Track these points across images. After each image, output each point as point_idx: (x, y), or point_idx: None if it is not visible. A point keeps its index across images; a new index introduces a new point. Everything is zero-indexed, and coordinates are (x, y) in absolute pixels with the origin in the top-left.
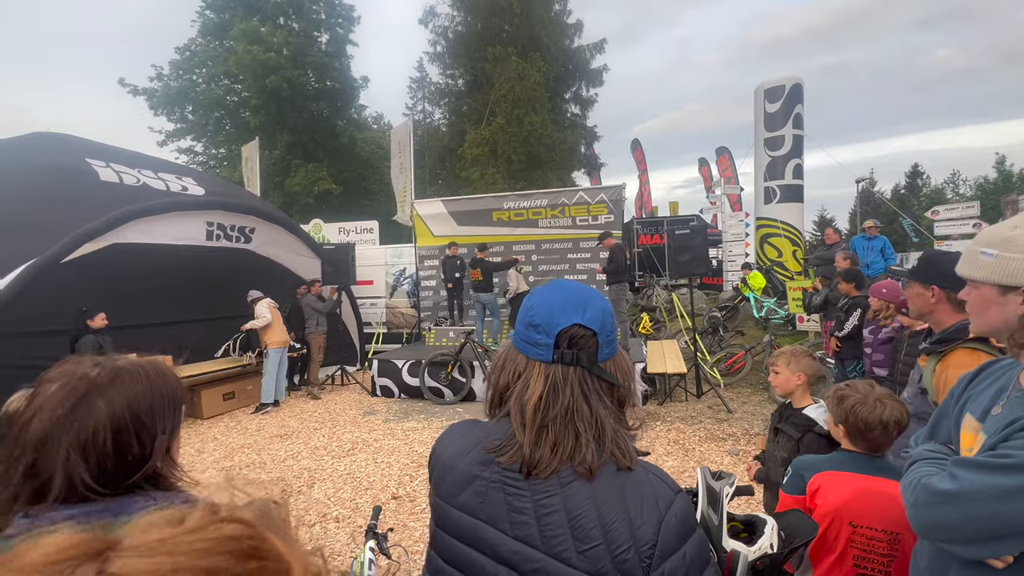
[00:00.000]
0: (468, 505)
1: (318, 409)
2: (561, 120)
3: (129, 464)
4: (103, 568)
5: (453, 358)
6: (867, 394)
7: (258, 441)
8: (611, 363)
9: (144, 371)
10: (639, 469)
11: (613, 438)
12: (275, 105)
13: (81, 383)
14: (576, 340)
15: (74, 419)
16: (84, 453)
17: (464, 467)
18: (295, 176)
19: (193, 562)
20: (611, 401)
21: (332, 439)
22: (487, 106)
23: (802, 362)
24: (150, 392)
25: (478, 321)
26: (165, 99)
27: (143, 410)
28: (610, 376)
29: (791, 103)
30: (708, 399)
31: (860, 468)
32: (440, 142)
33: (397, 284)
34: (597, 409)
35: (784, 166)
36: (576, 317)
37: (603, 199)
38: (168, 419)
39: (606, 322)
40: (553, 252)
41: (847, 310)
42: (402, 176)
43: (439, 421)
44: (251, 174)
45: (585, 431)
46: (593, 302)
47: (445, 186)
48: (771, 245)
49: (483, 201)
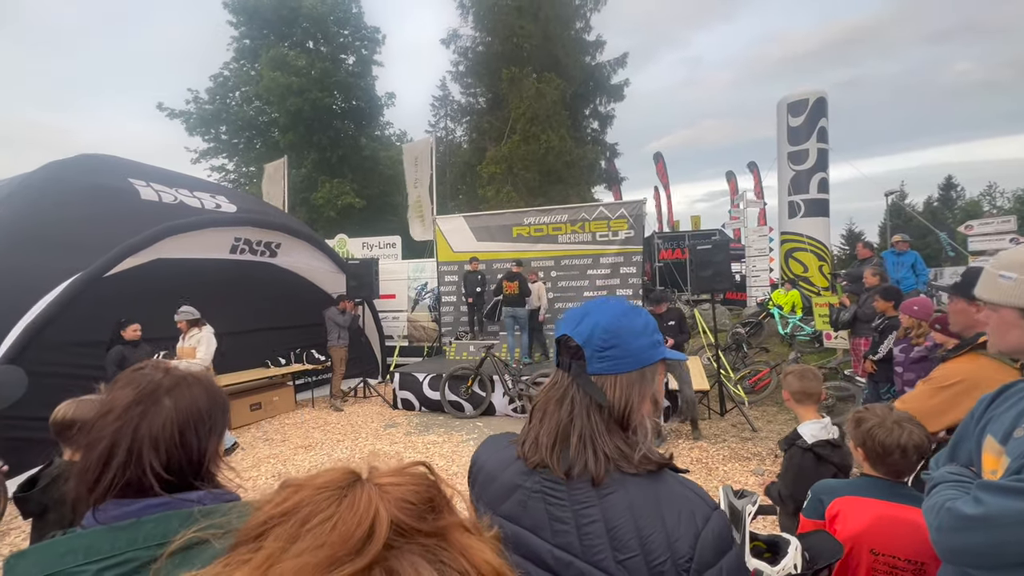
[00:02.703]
0: (512, 514)
1: (341, 421)
2: (581, 136)
3: (191, 460)
4: (375, 481)
5: (473, 372)
6: (885, 417)
7: (283, 452)
8: (610, 380)
9: (198, 379)
10: (676, 484)
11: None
12: (303, 125)
13: (150, 385)
14: (569, 349)
15: (145, 415)
16: (155, 445)
17: (507, 478)
18: (320, 191)
19: (418, 481)
20: (599, 414)
21: (355, 451)
22: (507, 124)
23: (787, 380)
24: (206, 396)
25: (508, 335)
26: (200, 120)
27: (204, 410)
28: (594, 389)
29: (815, 117)
30: (732, 417)
31: (881, 494)
32: (461, 159)
33: (419, 298)
34: (581, 411)
35: (809, 180)
36: (567, 328)
37: (623, 214)
38: (220, 421)
39: (595, 336)
40: (572, 268)
41: (883, 331)
42: (416, 191)
43: (459, 435)
44: (273, 189)
45: (550, 431)
46: (590, 317)
47: (466, 202)
48: (796, 260)
49: (503, 217)
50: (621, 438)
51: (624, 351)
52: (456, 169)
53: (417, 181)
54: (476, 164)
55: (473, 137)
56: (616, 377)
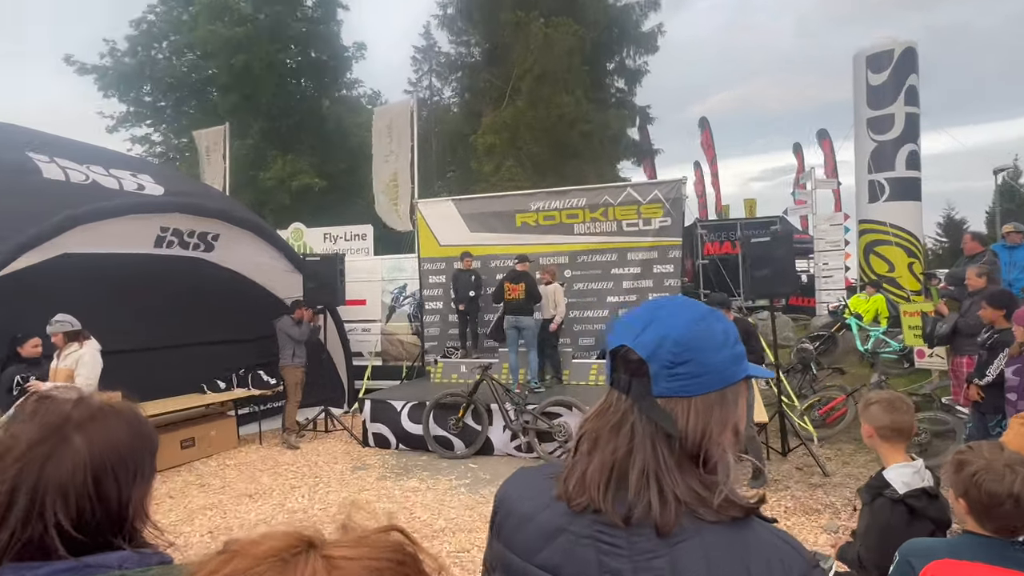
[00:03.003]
0: (551, 563)
1: (296, 462)
2: (603, 98)
3: (110, 513)
4: (325, 553)
5: (465, 399)
6: (993, 459)
7: (223, 501)
8: (681, 403)
9: (119, 410)
10: (765, 532)
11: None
12: (248, 83)
13: (56, 418)
14: (628, 364)
15: (50, 456)
16: (63, 494)
17: (546, 519)
18: (270, 168)
19: (384, 554)
20: (668, 446)
21: (314, 500)
22: (509, 82)
23: (869, 411)
24: (129, 432)
25: (511, 352)
26: (118, 78)
27: (126, 450)
28: (661, 415)
29: (902, 73)
30: (797, 457)
31: (988, 556)
32: (450, 126)
33: (396, 305)
34: (643, 442)
35: (895, 154)
36: (627, 339)
37: (658, 197)
38: (147, 464)
39: (664, 349)
40: (592, 266)
41: (991, 347)
42: (391, 167)
43: (447, 480)
44: (211, 166)
45: (602, 464)
46: (657, 324)
47: (456, 182)
48: (879, 256)
49: (504, 201)
50: (696, 477)
51: (701, 367)
52: (444, 140)
53: (393, 155)
54: (469, 133)
55: (466, 99)
56: (690, 400)
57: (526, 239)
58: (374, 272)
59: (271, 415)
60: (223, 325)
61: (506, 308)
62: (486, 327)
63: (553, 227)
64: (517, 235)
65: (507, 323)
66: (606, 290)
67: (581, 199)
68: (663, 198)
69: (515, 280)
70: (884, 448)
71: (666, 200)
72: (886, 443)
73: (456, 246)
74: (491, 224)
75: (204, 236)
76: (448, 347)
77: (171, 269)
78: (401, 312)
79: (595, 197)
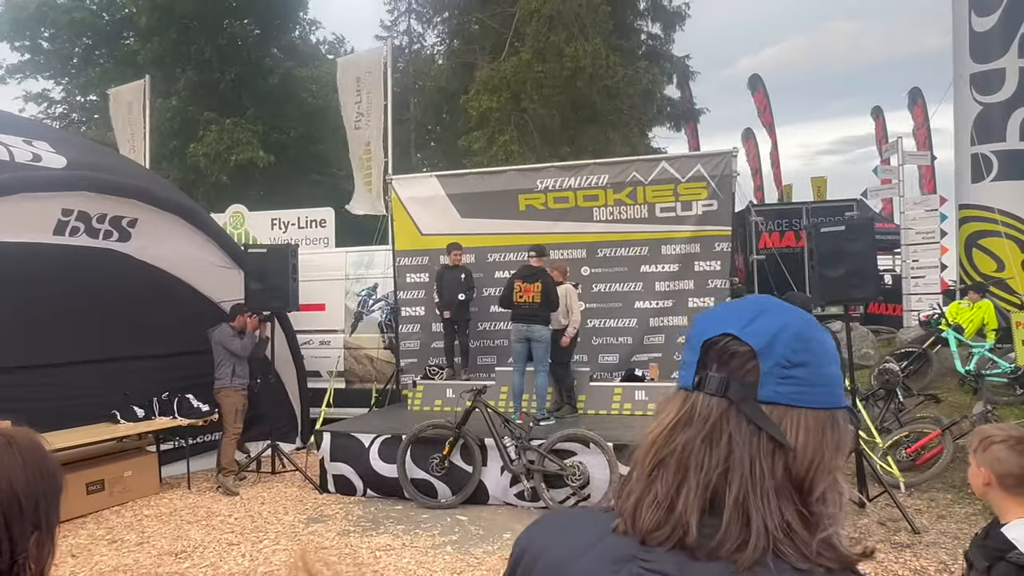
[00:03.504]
0: None
1: (235, 511)
2: (631, 47)
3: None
4: None
5: (452, 433)
6: None
7: (140, 561)
8: (788, 413)
9: (14, 440)
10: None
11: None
12: (175, 28)
13: None
14: (727, 359)
15: None
16: None
17: (587, 566)
18: (204, 138)
19: None
20: (771, 465)
21: (257, 561)
22: (510, 26)
23: (991, 452)
24: (25, 469)
25: (515, 371)
26: (9, 21)
27: (22, 492)
28: (769, 424)
29: (1015, 16)
30: (879, 509)
31: None
32: (436, 83)
33: (363, 311)
34: (742, 458)
35: (1005, 120)
36: (731, 326)
37: (700, 174)
38: (48, 512)
39: (780, 342)
40: (617, 262)
41: None
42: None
43: (428, 536)
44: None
45: (697, 487)
46: (770, 314)
47: (442, 152)
48: (984, 251)
49: (504, 178)
50: (795, 508)
51: (816, 376)
52: (427, 99)
53: (362, 118)
54: (460, 93)
55: (455, 48)
56: (801, 412)
57: (532, 227)
58: (336, 269)
59: (203, 451)
60: (141, 336)
61: (515, 314)
62: (479, 339)
63: (567, 212)
64: (520, 222)
65: (515, 333)
66: (634, 293)
67: (603, 176)
68: (707, 175)
69: (529, 279)
70: (1006, 501)
71: (711, 178)
72: (1008, 494)
73: (441, 236)
74: (487, 208)
75: (118, 222)
76: (430, 365)
77: (75, 264)
78: (370, 320)
79: (620, 173)
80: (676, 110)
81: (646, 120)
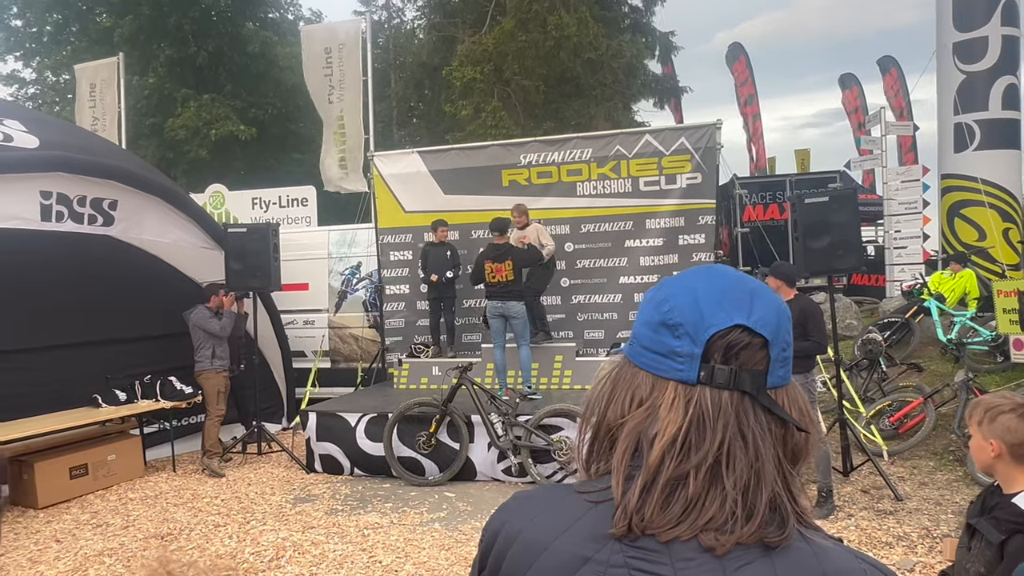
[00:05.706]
0: None
1: (221, 493)
2: (614, 17)
3: None
4: None
5: (439, 410)
6: None
7: (126, 545)
8: (783, 394)
9: None
10: (844, 553)
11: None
12: (147, 3)
13: None
14: (737, 351)
15: None
16: None
17: (564, 546)
18: (181, 114)
19: None
20: (783, 452)
21: (244, 543)
22: None
23: (999, 422)
24: None
25: (496, 349)
26: None
27: None
28: (783, 412)
29: None
30: (862, 477)
31: None
32: (417, 57)
33: (347, 290)
34: (766, 453)
35: (988, 88)
36: (739, 316)
37: (685, 147)
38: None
39: (782, 328)
40: (601, 237)
41: None
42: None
43: (416, 513)
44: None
45: (734, 488)
46: (763, 297)
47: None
48: (967, 220)
49: (487, 153)
50: (797, 482)
51: (791, 348)
52: (409, 75)
53: (333, 91)
54: (442, 65)
55: (435, 21)
56: (790, 388)
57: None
58: (319, 247)
59: (187, 433)
60: (123, 319)
61: (488, 291)
62: (464, 317)
63: (550, 186)
64: (504, 197)
65: (490, 310)
66: (618, 268)
67: (586, 150)
68: (691, 148)
69: (499, 259)
70: (1016, 471)
71: (695, 151)
72: (1019, 464)
73: (425, 212)
74: (470, 184)
75: (99, 204)
76: (416, 344)
77: (63, 250)
78: (354, 299)
79: (604, 147)
80: (660, 86)
81: (630, 95)
